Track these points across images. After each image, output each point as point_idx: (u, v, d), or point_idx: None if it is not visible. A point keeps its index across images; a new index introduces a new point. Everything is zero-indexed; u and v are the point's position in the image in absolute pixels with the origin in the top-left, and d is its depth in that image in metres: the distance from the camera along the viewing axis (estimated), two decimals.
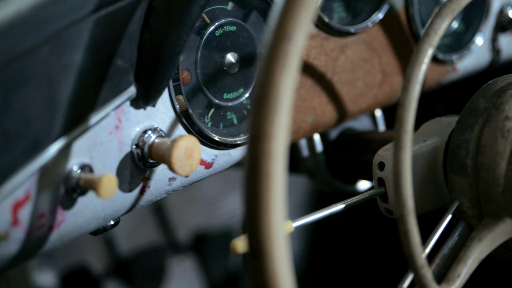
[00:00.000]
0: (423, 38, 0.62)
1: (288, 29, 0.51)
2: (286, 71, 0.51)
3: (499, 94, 0.67)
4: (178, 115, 0.71)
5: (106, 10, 0.61)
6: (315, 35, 0.84)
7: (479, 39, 1.00)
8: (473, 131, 0.67)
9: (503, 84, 0.69)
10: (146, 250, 1.66)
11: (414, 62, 0.61)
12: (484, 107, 0.67)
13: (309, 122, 0.84)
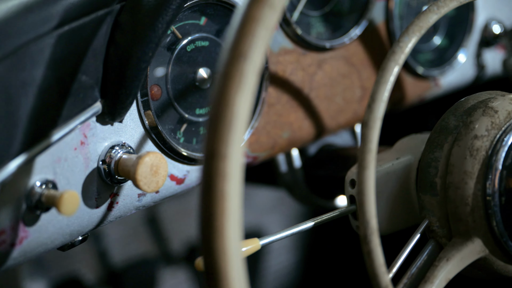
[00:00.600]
0: (389, 56, 0.61)
1: (244, 47, 0.51)
2: (241, 90, 0.50)
3: (469, 113, 0.66)
4: (147, 131, 0.70)
5: (70, 25, 0.61)
6: (292, 50, 0.83)
7: (462, 56, 0.99)
8: (442, 150, 0.66)
9: (474, 102, 0.68)
10: (139, 261, 1.65)
11: (379, 81, 0.60)
12: (454, 126, 0.66)
13: (285, 137, 0.83)
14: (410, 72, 0.95)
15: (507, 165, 0.64)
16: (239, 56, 0.51)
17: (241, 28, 0.51)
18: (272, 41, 0.81)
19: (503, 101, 0.67)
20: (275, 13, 0.52)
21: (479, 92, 0.70)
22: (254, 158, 0.81)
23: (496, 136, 0.64)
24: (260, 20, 0.51)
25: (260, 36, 0.51)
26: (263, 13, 0.51)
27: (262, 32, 0.51)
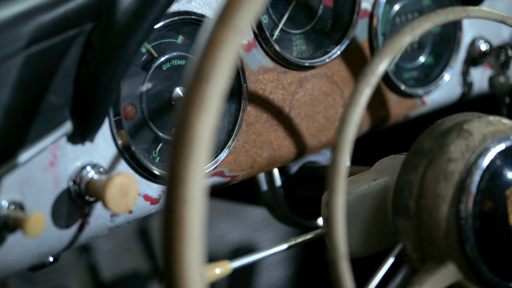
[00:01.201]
0: (361, 78, 0.61)
1: (206, 70, 0.50)
2: (202, 114, 0.50)
3: (444, 135, 0.66)
4: (120, 150, 0.70)
5: (39, 45, 0.61)
6: (272, 68, 0.82)
7: (448, 74, 0.99)
8: (417, 173, 0.65)
9: (450, 124, 0.67)
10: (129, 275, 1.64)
11: (350, 103, 0.59)
12: (429, 148, 0.66)
13: (265, 156, 0.83)
14: (395, 90, 0.94)
15: (482, 188, 0.63)
16: (201, 79, 0.50)
17: (204, 51, 0.51)
18: (252, 60, 0.80)
19: (479, 123, 0.66)
20: (238, 36, 0.51)
21: (456, 114, 0.69)
22: (232, 178, 0.80)
23: (470, 159, 0.63)
24: (223, 43, 0.51)
25: (223, 59, 0.51)
26: (227, 36, 0.51)
27: (225, 55, 0.51)
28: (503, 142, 0.65)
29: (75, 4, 0.64)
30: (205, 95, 0.50)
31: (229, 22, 0.51)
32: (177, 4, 0.74)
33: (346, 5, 0.89)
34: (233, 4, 0.52)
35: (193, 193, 0.49)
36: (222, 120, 0.79)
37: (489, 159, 0.63)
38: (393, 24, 0.94)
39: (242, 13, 0.52)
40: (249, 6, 0.52)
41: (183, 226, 0.49)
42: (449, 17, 0.66)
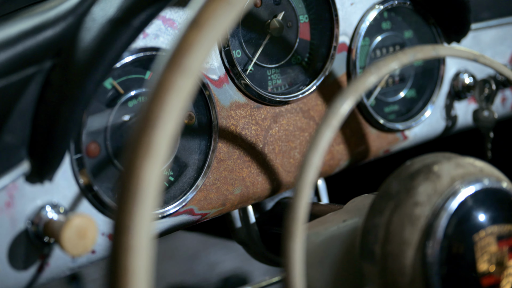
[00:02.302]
0: (323, 120, 0.59)
1: (154, 115, 0.49)
2: (148, 160, 0.48)
3: (412, 177, 0.64)
4: (82, 190, 0.68)
5: None
6: (244, 104, 0.81)
7: (430, 108, 0.97)
8: (383, 216, 0.63)
9: (419, 165, 0.65)
10: None
11: (311, 146, 0.58)
12: (396, 191, 0.64)
13: (237, 194, 0.81)
14: (374, 125, 0.92)
15: (449, 233, 0.61)
16: (148, 124, 0.49)
17: (152, 95, 0.49)
18: (223, 95, 0.79)
19: (448, 165, 0.64)
20: (189, 81, 0.50)
21: (426, 154, 0.67)
22: (202, 216, 0.78)
23: (437, 202, 0.61)
24: (172, 87, 0.49)
25: (172, 104, 0.49)
26: (176, 80, 0.49)
27: (174, 99, 0.49)
28: (472, 185, 0.63)
29: (35, 41, 0.63)
30: (152, 141, 0.48)
31: (178, 65, 0.50)
32: (145, 39, 0.73)
33: (324, 38, 0.87)
34: (183, 46, 0.50)
35: (138, 242, 0.47)
36: (191, 157, 0.77)
37: (457, 203, 0.61)
38: (372, 57, 0.93)
39: (192, 56, 0.50)
40: (200, 49, 0.51)
41: (127, 276, 0.47)
42: (418, 56, 0.65)
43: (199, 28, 0.51)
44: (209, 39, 0.51)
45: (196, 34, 0.50)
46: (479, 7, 1.00)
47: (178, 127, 0.49)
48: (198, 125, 0.77)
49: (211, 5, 0.51)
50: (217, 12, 0.51)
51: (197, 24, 0.51)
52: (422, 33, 0.97)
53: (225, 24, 0.52)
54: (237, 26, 0.80)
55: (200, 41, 0.51)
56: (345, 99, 0.59)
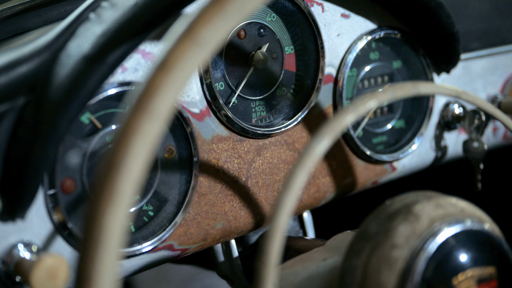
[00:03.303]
0: (298, 162, 0.58)
1: (119, 160, 0.48)
2: (112, 208, 0.47)
3: (391, 218, 0.62)
4: (56, 227, 0.67)
5: None
6: (227, 137, 0.80)
7: (419, 139, 0.96)
8: (360, 258, 0.61)
9: (399, 205, 0.64)
10: None
11: (285, 189, 0.56)
12: (374, 232, 0.62)
13: (218, 228, 0.79)
14: (361, 157, 0.91)
15: (427, 277, 0.59)
16: (112, 169, 0.48)
17: (118, 139, 0.48)
18: (205, 129, 0.78)
19: (427, 206, 0.62)
20: (155, 125, 0.49)
21: (406, 194, 0.66)
22: (182, 251, 0.77)
23: (415, 245, 0.60)
24: (138, 131, 0.48)
25: (137, 148, 0.48)
26: (142, 124, 0.48)
27: (140, 144, 0.48)
28: (452, 226, 0.61)
29: (8, 78, 0.62)
30: (116, 187, 0.47)
31: (145, 108, 0.49)
32: (123, 73, 0.72)
33: (309, 70, 0.86)
34: (150, 89, 0.49)
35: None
36: (171, 192, 0.76)
37: (435, 245, 0.60)
38: (360, 88, 0.92)
39: (159, 99, 0.49)
40: (167, 92, 0.50)
41: None
42: (397, 94, 0.63)
43: (167, 70, 0.50)
44: (177, 81, 0.50)
45: (164, 77, 0.49)
46: (468, 37, 0.99)
47: (144, 171, 0.48)
48: (178, 159, 0.76)
49: (179, 46, 0.50)
50: (185, 54, 0.50)
51: (164, 66, 0.50)
52: (411, 63, 0.96)
53: (194, 66, 0.51)
54: (220, 58, 0.80)
55: (167, 83, 0.49)
56: (321, 140, 0.58)
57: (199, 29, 0.51)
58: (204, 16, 0.51)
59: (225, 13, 0.52)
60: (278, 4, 0.83)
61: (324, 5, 0.86)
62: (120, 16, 0.63)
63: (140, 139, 0.48)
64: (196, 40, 0.51)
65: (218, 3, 0.52)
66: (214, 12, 0.52)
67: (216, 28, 0.51)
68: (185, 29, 0.51)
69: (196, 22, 0.51)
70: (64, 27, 0.65)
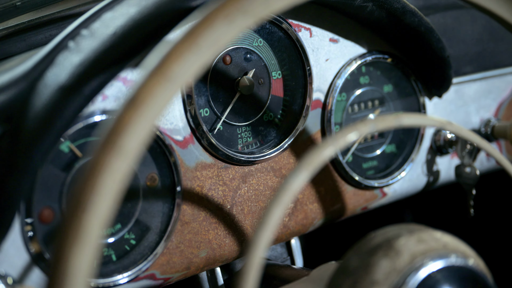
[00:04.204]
0: (274, 197, 0.56)
1: (85, 198, 0.47)
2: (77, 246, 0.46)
3: (371, 253, 0.61)
4: (33, 258, 0.66)
5: None
6: (211, 164, 0.79)
7: (411, 164, 0.94)
8: None
9: (380, 239, 0.62)
10: None
11: (261, 225, 0.55)
12: (354, 267, 0.61)
13: (202, 256, 0.78)
14: (350, 183, 0.90)
15: None
16: (78, 207, 0.47)
17: (86, 178, 0.47)
18: (188, 156, 0.77)
19: (409, 241, 0.61)
20: (124, 163, 0.48)
21: (388, 227, 0.64)
22: (165, 280, 0.76)
23: (395, 282, 0.58)
24: (106, 168, 0.47)
25: (105, 186, 0.47)
26: (110, 161, 0.47)
27: (108, 181, 0.47)
28: (434, 262, 0.60)
29: None
30: (82, 225, 0.46)
31: (113, 146, 0.48)
32: (104, 101, 0.71)
33: (297, 95, 0.85)
34: (119, 126, 0.48)
35: None
36: (153, 221, 0.75)
37: (416, 282, 0.58)
38: (349, 112, 0.91)
39: (128, 136, 0.48)
40: (137, 129, 0.49)
41: None
42: (379, 127, 0.62)
43: (136, 107, 0.49)
44: (147, 118, 0.49)
45: (133, 113, 0.49)
46: (461, 61, 0.98)
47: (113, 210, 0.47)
48: (161, 187, 0.75)
49: (150, 82, 0.50)
50: (156, 90, 0.50)
51: (134, 103, 0.49)
52: (402, 87, 0.94)
53: (165, 102, 0.50)
54: (205, 84, 0.79)
55: (137, 120, 0.49)
56: (298, 175, 0.57)
57: (171, 64, 0.50)
58: (176, 50, 0.50)
59: (198, 47, 0.51)
60: (265, 29, 0.82)
61: (312, 30, 0.85)
62: (98, 45, 0.62)
63: (108, 177, 0.47)
64: (167, 76, 0.50)
65: (191, 38, 0.51)
66: (186, 47, 0.51)
67: (188, 63, 0.51)
68: (156, 64, 0.50)
69: (167, 57, 0.50)
70: (42, 56, 0.65)
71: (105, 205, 0.47)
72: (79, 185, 0.47)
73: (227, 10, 0.52)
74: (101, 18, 0.66)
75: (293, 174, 0.57)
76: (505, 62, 1.02)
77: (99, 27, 0.65)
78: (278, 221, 0.56)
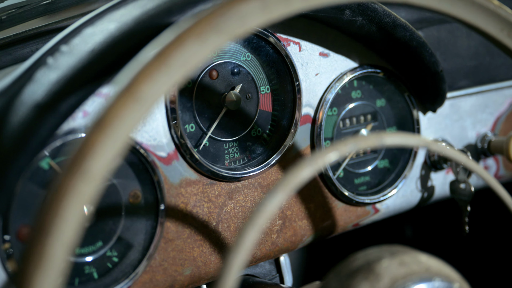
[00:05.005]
0: (249, 219, 0.55)
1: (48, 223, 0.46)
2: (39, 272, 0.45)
3: (351, 276, 0.59)
4: (11, 277, 0.65)
5: None
6: (196, 181, 0.78)
7: (404, 179, 0.93)
8: None
9: (361, 262, 0.61)
10: None
11: (234, 248, 0.54)
12: None
13: (187, 274, 0.77)
14: (340, 199, 0.88)
15: None
16: (41, 232, 0.46)
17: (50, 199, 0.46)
18: (172, 172, 0.76)
19: (390, 264, 0.59)
20: (90, 186, 0.47)
21: (372, 248, 0.63)
22: None
23: None
24: (70, 192, 0.46)
25: (69, 211, 0.46)
26: (74, 185, 0.46)
27: (73, 207, 0.46)
28: (414, 286, 0.58)
29: None
30: (44, 250, 0.45)
31: (78, 169, 0.47)
32: (85, 118, 0.70)
33: (285, 110, 0.84)
34: (85, 149, 0.47)
35: None
36: (136, 238, 0.74)
37: None
38: (341, 127, 0.89)
39: (95, 159, 0.47)
40: (104, 152, 0.48)
41: None
42: (361, 146, 0.61)
43: (103, 129, 0.48)
44: (114, 140, 0.48)
45: (99, 135, 0.48)
46: (456, 75, 0.96)
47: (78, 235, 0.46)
48: (144, 204, 0.74)
49: (117, 103, 0.48)
50: (123, 111, 0.48)
51: (100, 125, 0.48)
52: (395, 102, 0.93)
53: (134, 123, 0.49)
54: (190, 99, 0.78)
55: (103, 143, 0.48)
56: (274, 196, 0.56)
57: (139, 85, 0.49)
58: (145, 71, 0.49)
59: (168, 68, 0.50)
60: (253, 44, 0.81)
61: (301, 44, 0.84)
62: (75, 62, 0.61)
63: (73, 200, 0.46)
64: (136, 96, 0.49)
65: (161, 57, 0.50)
66: (156, 67, 0.50)
67: (158, 84, 0.50)
68: (124, 84, 0.49)
69: (136, 78, 0.49)
70: (21, 72, 0.64)
71: (69, 229, 0.46)
72: (42, 208, 0.46)
73: (199, 29, 0.51)
74: (81, 34, 0.66)
75: (269, 195, 0.56)
76: (502, 76, 1.00)
77: (78, 43, 0.64)
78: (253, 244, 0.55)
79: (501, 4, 0.62)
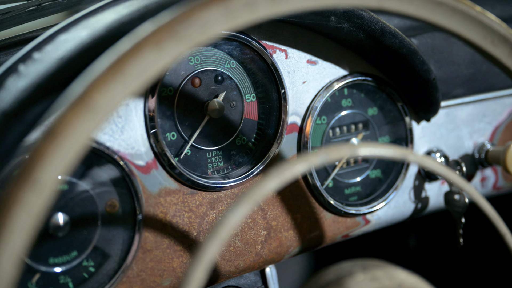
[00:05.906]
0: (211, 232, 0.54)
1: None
2: None
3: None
4: None
5: None
6: (176, 190, 0.76)
7: (396, 190, 0.90)
8: None
9: (332, 276, 0.59)
10: None
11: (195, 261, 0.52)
12: None
13: (166, 285, 0.76)
14: (329, 209, 0.87)
15: None
16: None
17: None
18: (151, 182, 0.75)
19: (362, 280, 0.58)
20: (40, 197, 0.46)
21: (343, 262, 0.61)
22: None
23: None
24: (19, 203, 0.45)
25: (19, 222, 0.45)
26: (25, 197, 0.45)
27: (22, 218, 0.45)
28: None
29: None
30: None
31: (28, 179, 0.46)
32: None
33: (271, 119, 0.82)
34: (35, 158, 0.46)
35: None
36: (113, 248, 0.73)
37: None
38: (330, 136, 0.87)
39: (45, 169, 0.46)
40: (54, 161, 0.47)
41: None
42: (332, 157, 0.59)
43: (53, 138, 0.47)
44: (65, 150, 0.47)
45: (49, 145, 0.46)
46: (452, 84, 0.94)
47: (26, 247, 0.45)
48: (121, 213, 0.73)
49: (69, 112, 0.47)
50: (76, 120, 0.47)
51: (51, 134, 0.47)
52: (388, 110, 0.91)
53: (87, 133, 0.48)
54: (171, 107, 0.76)
55: (54, 152, 0.46)
56: (236, 209, 0.54)
57: (93, 94, 0.48)
58: (100, 79, 0.48)
59: (124, 76, 0.49)
60: (238, 51, 0.80)
61: (288, 52, 0.82)
62: (44, 70, 0.61)
63: (21, 211, 0.45)
64: (90, 106, 0.48)
65: (116, 66, 0.49)
66: (111, 75, 0.48)
67: (113, 93, 0.48)
68: (77, 93, 0.48)
69: (90, 86, 0.48)
70: None
71: (17, 240, 0.45)
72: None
73: (158, 36, 0.49)
74: (54, 40, 0.65)
75: (232, 208, 0.54)
76: (501, 84, 0.98)
77: (50, 50, 0.63)
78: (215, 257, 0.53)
79: (484, 10, 0.60)
